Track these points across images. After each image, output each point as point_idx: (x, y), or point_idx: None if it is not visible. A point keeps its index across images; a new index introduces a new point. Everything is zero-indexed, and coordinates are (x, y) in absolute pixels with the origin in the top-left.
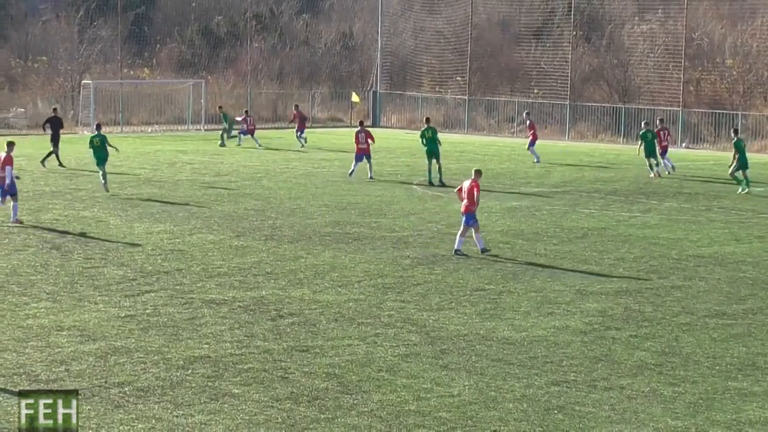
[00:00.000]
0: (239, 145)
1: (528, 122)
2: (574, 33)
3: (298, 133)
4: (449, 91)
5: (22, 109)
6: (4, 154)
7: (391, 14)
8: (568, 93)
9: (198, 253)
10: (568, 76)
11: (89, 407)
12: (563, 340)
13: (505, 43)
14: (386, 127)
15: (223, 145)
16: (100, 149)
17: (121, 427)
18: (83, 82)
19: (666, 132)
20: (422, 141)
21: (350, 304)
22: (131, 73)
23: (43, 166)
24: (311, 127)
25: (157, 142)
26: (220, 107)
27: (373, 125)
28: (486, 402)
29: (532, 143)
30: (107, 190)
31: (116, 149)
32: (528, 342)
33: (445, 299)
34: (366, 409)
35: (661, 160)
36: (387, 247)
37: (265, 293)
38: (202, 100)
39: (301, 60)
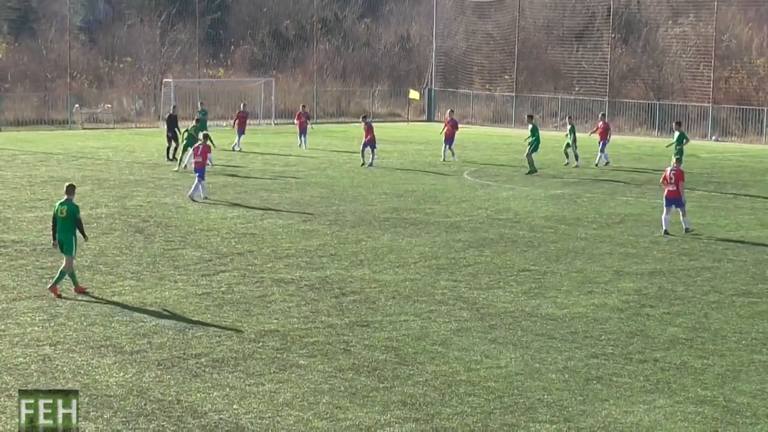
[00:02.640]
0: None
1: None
2: (613, 35)
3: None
4: (498, 88)
5: (109, 105)
6: (202, 145)
7: (445, 18)
8: (607, 90)
9: (268, 236)
10: (607, 75)
11: (169, 376)
12: (602, 316)
13: (549, 45)
14: (440, 122)
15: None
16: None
17: (198, 395)
18: (164, 80)
19: (605, 125)
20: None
21: (407, 283)
22: (208, 72)
23: (171, 160)
24: (372, 121)
25: (231, 135)
26: (201, 102)
27: (429, 120)
28: (531, 373)
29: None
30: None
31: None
32: (569, 318)
33: (494, 279)
34: (421, 379)
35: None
36: (440, 232)
37: (330, 273)
38: (272, 97)
39: (362, 60)
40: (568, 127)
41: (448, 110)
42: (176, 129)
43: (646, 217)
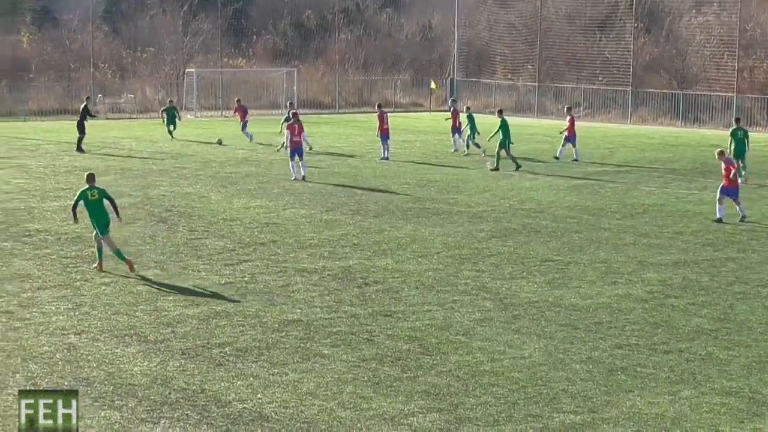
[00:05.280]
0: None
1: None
2: (636, 25)
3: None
4: (520, 78)
5: (132, 95)
6: (297, 125)
7: (467, 8)
8: (630, 80)
9: (291, 226)
10: (630, 65)
11: (193, 365)
12: (626, 307)
13: (572, 34)
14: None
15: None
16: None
17: (222, 384)
18: (187, 70)
19: (457, 112)
20: (733, 140)
21: (430, 273)
22: (230, 62)
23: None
24: (393, 111)
25: (253, 126)
26: (170, 101)
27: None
28: (555, 363)
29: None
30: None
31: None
32: (593, 309)
33: (517, 269)
34: (444, 369)
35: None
36: (463, 222)
37: (352, 263)
38: (294, 87)
39: (384, 50)
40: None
41: (450, 99)
42: (85, 120)
43: (670, 208)
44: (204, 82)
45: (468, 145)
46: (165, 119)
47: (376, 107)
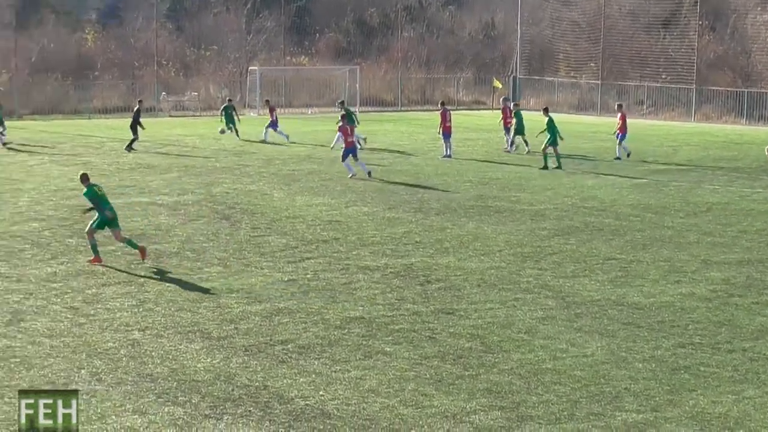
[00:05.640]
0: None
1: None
2: (700, 23)
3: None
4: (583, 76)
5: (195, 93)
6: (341, 125)
7: (530, 5)
8: (694, 78)
9: (353, 223)
10: (694, 63)
11: (256, 362)
12: (689, 305)
13: (635, 32)
14: (525, 110)
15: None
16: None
17: (284, 381)
18: (250, 68)
19: (508, 110)
20: None
21: (492, 271)
22: (293, 60)
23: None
24: (456, 109)
25: (315, 124)
26: (229, 99)
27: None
28: (617, 362)
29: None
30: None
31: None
32: (656, 307)
33: (579, 267)
34: (507, 367)
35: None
36: (525, 220)
37: (414, 260)
38: (357, 85)
39: (446, 48)
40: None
41: (502, 98)
42: (138, 123)
43: (734, 206)
44: (267, 80)
45: (512, 142)
46: (223, 118)
47: (438, 105)
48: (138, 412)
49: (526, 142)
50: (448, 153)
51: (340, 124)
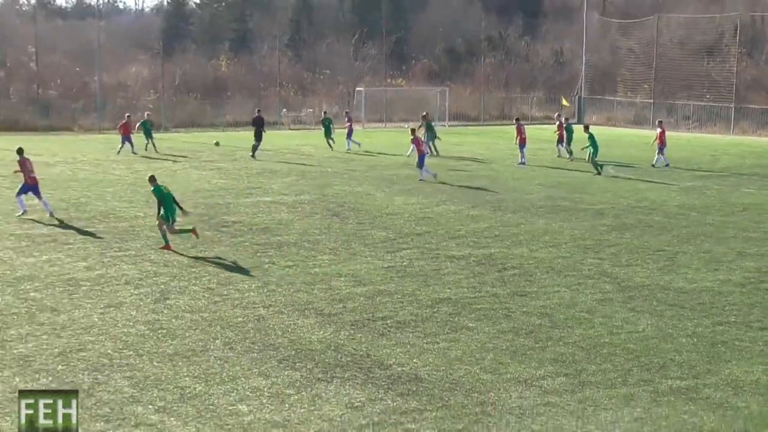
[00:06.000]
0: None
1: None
2: (739, 50)
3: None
4: (638, 95)
5: (311, 110)
6: (413, 136)
7: (593, 36)
8: (733, 97)
9: (442, 219)
10: (734, 84)
11: (360, 335)
12: (726, 290)
13: (683, 58)
14: (594, 124)
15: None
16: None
17: (384, 351)
18: (357, 89)
19: (561, 124)
20: None
21: (559, 260)
22: (392, 82)
23: (253, 158)
24: (529, 123)
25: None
26: (325, 113)
27: (579, 123)
28: (664, 337)
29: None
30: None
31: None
32: (698, 291)
33: (633, 257)
34: (570, 340)
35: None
36: (587, 217)
37: (493, 251)
38: (446, 103)
39: (522, 71)
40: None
41: (556, 114)
42: (263, 130)
43: (767, 207)
44: (370, 99)
45: (570, 152)
46: (324, 130)
47: (514, 120)
48: (263, 375)
49: (570, 151)
50: (523, 161)
51: (412, 137)
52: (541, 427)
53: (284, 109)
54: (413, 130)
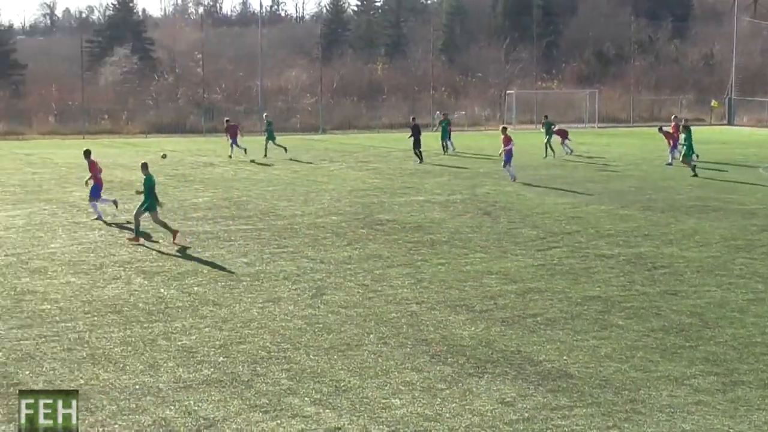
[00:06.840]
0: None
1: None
2: None
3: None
4: None
5: (463, 112)
6: (503, 136)
7: (743, 37)
8: None
9: (592, 219)
10: None
11: (511, 331)
12: None
13: None
14: (739, 126)
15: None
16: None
17: (534, 347)
18: (507, 92)
19: (678, 126)
20: None
21: (709, 259)
22: (542, 85)
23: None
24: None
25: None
26: (445, 114)
27: (729, 124)
28: None
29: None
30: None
31: None
32: None
33: None
34: (721, 339)
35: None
36: (738, 217)
37: (643, 250)
38: (596, 105)
39: (672, 74)
40: (543, 122)
41: (673, 116)
42: (420, 134)
43: None
44: (521, 101)
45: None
46: (440, 131)
47: (672, 119)
48: (415, 369)
49: (696, 155)
50: (671, 162)
51: (503, 136)
52: (692, 426)
53: (437, 112)
54: (504, 129)
